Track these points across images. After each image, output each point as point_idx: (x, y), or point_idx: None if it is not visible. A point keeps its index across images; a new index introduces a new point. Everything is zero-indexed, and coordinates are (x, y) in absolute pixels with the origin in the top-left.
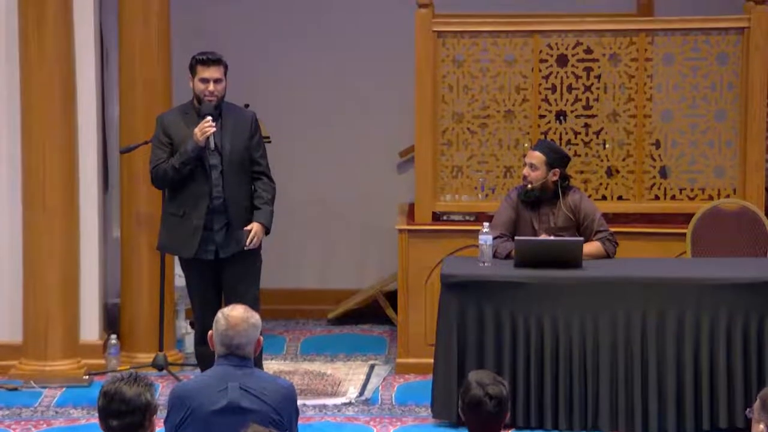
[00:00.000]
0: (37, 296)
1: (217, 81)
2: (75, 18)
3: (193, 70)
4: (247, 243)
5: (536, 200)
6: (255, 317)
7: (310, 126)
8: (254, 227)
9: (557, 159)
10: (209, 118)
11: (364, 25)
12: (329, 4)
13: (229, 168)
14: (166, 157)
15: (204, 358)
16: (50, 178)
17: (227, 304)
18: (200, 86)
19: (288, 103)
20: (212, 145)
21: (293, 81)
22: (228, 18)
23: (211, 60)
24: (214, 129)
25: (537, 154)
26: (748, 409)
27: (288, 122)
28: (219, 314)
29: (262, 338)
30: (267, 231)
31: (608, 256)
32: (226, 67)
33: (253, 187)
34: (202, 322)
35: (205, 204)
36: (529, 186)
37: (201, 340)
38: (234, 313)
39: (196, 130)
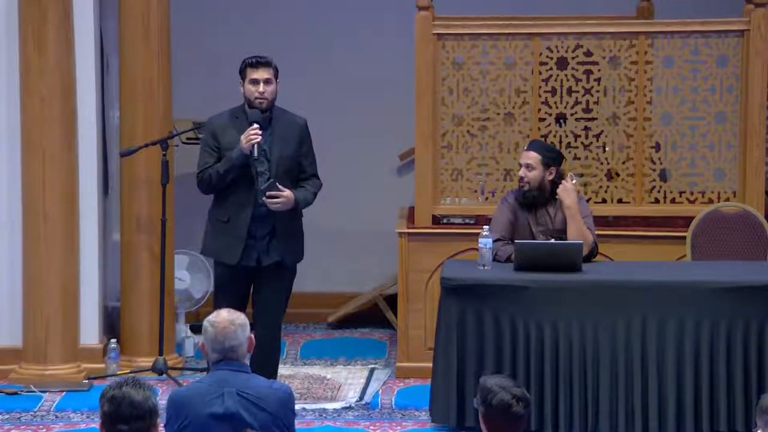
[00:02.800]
0: (37, 300)
1: (266, 82)
2: (75, 24)
3: (243, 73)
4: (267, 197)
5: (534, 201)
6: (241, 318)
7: (309, 128)
8: (286, 192)
9: (553, 158)
10: (256, 126)
11: (364, 26)
12: (329, 6)
13: (276, 175)
14: (213, 162)
15: None
16: (50, 183)
17: (256, 313)
18: (251, 88)
19: (287, 104)
20: (256, 153)
21: (292, 83)
22: (228, 21)
23: (261, 62)
24: (260, 138)
25: (532, 154)
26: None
27: None
28: (205, 323)
29: (252, 336)
30: (295, 207)
31: (588, 254)
32: (276, 70)
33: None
34: None
35: (249, 212)
36: (527, 187)
37: None
38: (219, 319)
39: (242, 137)
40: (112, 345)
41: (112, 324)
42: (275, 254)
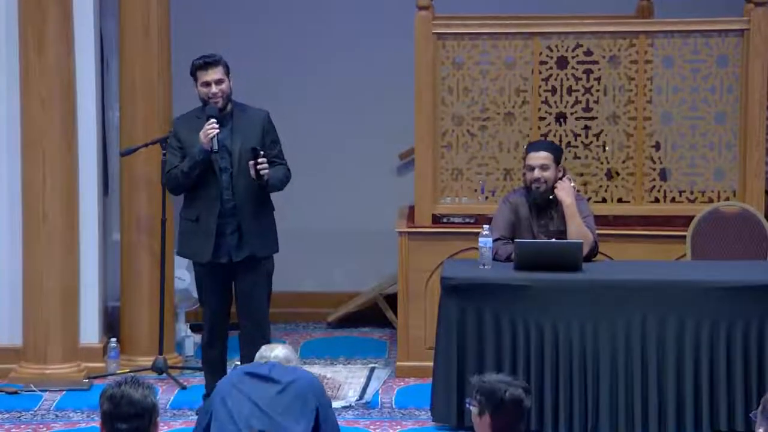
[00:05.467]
0: (37, 300)
1: (218, 82)
2: (75, 24)
3: (194, 76)
4: (260, 161)
5: (547, 201)
6: (293, 352)
7: (310, 128)
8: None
9: (560, 155)
10: (213, 120)
11: (364, 26)
12: (329, 6)
13: (240, 170)
14: (178, 162)
15: (211, 362)
16: (50, 183)
17: (238, 307)
18: (203, 90)
19: (287, 104)
20: (215, 146)
21: (292, 83)
22: (228, 23)
23: (209, 63)
24: (217, 131)
25: (546, 154)
26: (753, 413)
27: (287, 124)
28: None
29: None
30: (268, 182)
31: (589, 253)
32: (226, 67)
33: None
34: (211, 326)
35: (217, 207)
36: (543, 188)
37: (208, 344)
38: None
39: (201, 134)
40: (112, 344)
41: (112, 323)
42: (245, 249)
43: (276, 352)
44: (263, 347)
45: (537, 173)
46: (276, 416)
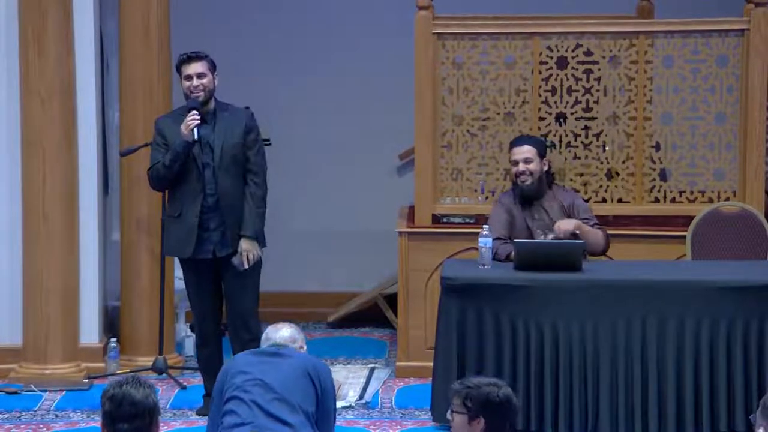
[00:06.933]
0: (37, 299)
1: (200, 75)
2: (75, 24)
3: (179, 71)
4: (245, 265)
5: (535, 195)
6: (302, 333)
7: (310, 128)
8: (242, 246)
9: (544, 148)
10: (194, 112)
11: (364, 26)
12: (329, 6)
13: (221, 165)
14: (161, 159)
15: (206, 361)
16: (50, 183)
17: (227, 305)
18: (186, 83)
19: (287, 104)
20: (196, 135)
21: (293, 83)
22: (228, 21)
23: (192, 57)
24: (198, 121)
25: (528, 147)
26: (751, 415)
27: (287, 124)
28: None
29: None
30: (259, 238)
31: (602, 250)
32: (211, 64)
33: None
34: (201, 324)
35: (199, 202)
36: (528, 180)
37: (202, 343)
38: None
39: (182, 126)
40: (112, 344)
41: (112, 323)
42: (230, 245)
43: (282, 332)
44: (269, 328)
45: (521, 167)
46: (278, 388)
